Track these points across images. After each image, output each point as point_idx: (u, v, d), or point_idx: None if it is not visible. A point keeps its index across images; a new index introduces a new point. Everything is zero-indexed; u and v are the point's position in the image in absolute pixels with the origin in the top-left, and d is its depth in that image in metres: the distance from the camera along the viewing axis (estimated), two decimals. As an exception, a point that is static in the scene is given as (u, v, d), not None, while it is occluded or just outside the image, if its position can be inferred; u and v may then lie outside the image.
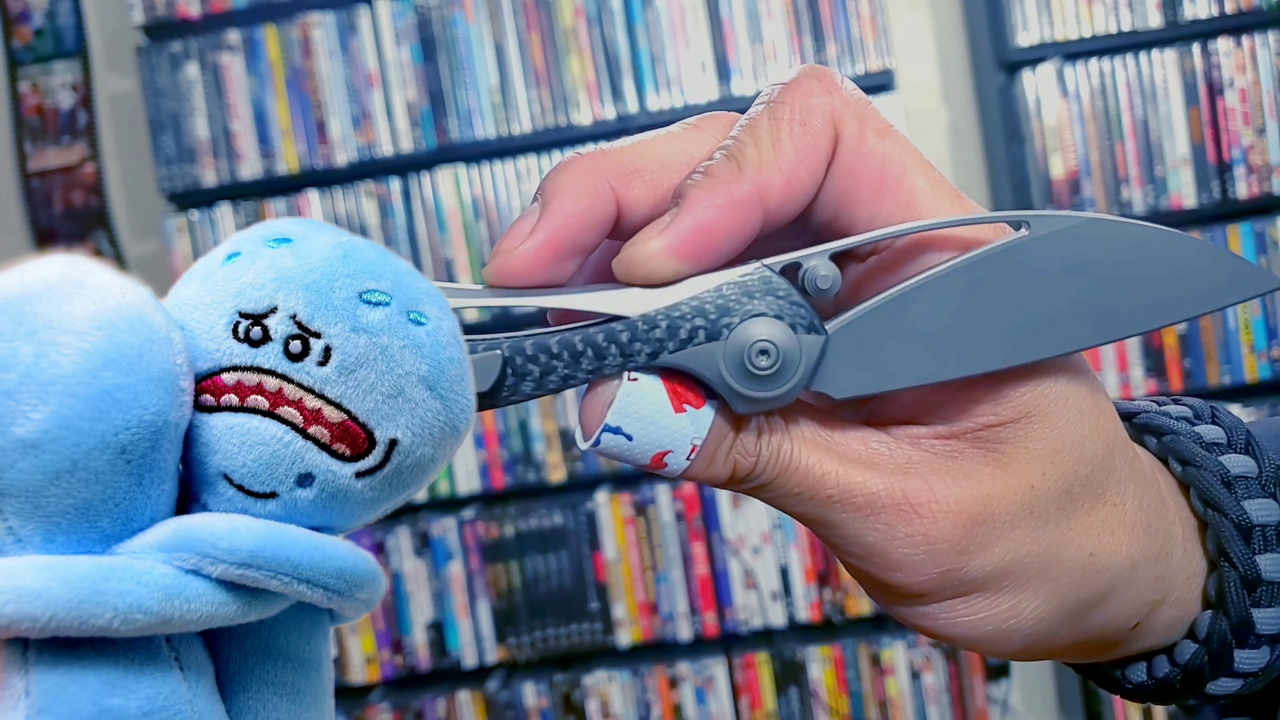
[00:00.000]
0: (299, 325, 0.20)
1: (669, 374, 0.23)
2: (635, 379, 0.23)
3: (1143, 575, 0.25)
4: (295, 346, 0.20)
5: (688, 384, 0.23)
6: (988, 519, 0.23)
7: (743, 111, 0.25)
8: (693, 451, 0.23)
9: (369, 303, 0.21)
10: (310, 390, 0.20)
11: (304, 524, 0.21)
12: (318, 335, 0.20)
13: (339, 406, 0.20)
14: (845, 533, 0.24)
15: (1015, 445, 0.24)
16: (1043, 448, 0.24)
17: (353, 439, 0.20)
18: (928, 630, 0.25)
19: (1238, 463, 0.27)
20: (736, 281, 0.23)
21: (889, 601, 0.25)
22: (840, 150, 0.24)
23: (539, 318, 0.26)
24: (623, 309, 0.23)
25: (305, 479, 0.20)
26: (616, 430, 0.23)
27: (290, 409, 0.20)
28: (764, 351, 0.22)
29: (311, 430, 0.20)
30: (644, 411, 0.23)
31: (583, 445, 0.24)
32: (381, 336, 0.20)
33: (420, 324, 0.21)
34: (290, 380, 0.20)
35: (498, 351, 0.23)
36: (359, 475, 0.21)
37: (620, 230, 0.24)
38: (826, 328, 0.23)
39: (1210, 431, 0.27)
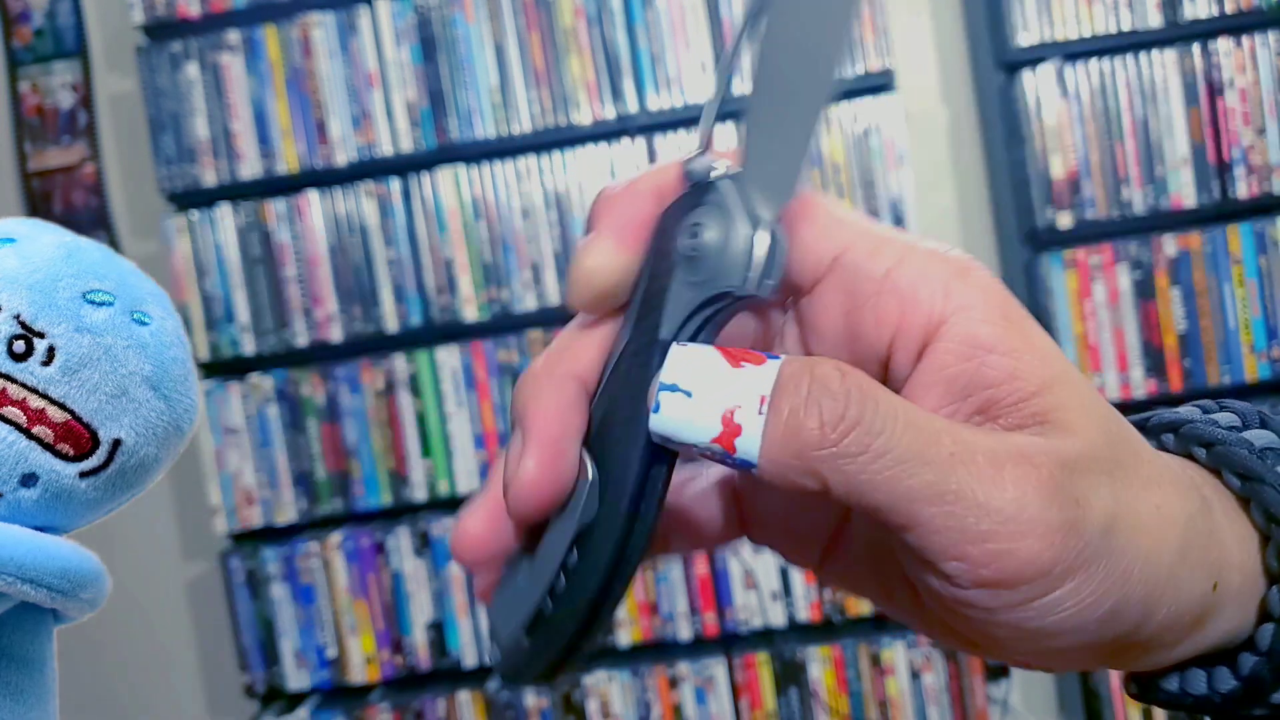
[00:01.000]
0: (22, 325, 0.20)
1: (719, 346, 0.23)
2: (685, 344, 0.23)
3: (1199, 529, 0.24)
4: (19, 346, 0.20)
5: (741, 350, 0.23)
6: (1080, 470, 0.22)
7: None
8: (762, 403, 0.22)
9: (93, 303, 0.21)
10: (34, 390, 0.20)
11: (28, 524, 0.20)
12: (41, 335, 0.20)
13: (63, 406, 0.20)
14: (972, 503, 0.21)
15: (1058, 410, 0.23)
16: (1077, 405, 0.23)
17: (76, 439, 0.20)
18: (1036, 626, 0.22)
19: (1260, 436, 0.26)
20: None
21: (1002, 594, 0.22)
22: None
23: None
24: None
25: (29, 479, 0.20)
26: (673, 387, 0.22)
27: (13, 409, 0.20)
28: (693, 234, 0.23)
29: (35, 430, 0.20)
30: (699, 367, 0.22)
31: (650, 425, 0.23)
32: (105, 336, 0.20)
33: (144, 324, 0.21)
34: (13, 380, 0.20)
35: None
36: (83, 475, 0.21)
37: None
38: (732, 168, 0.24)
39: (1225, 418, 0.27)
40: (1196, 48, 1.55)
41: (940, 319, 0.24)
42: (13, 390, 0.20)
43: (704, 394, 0.22)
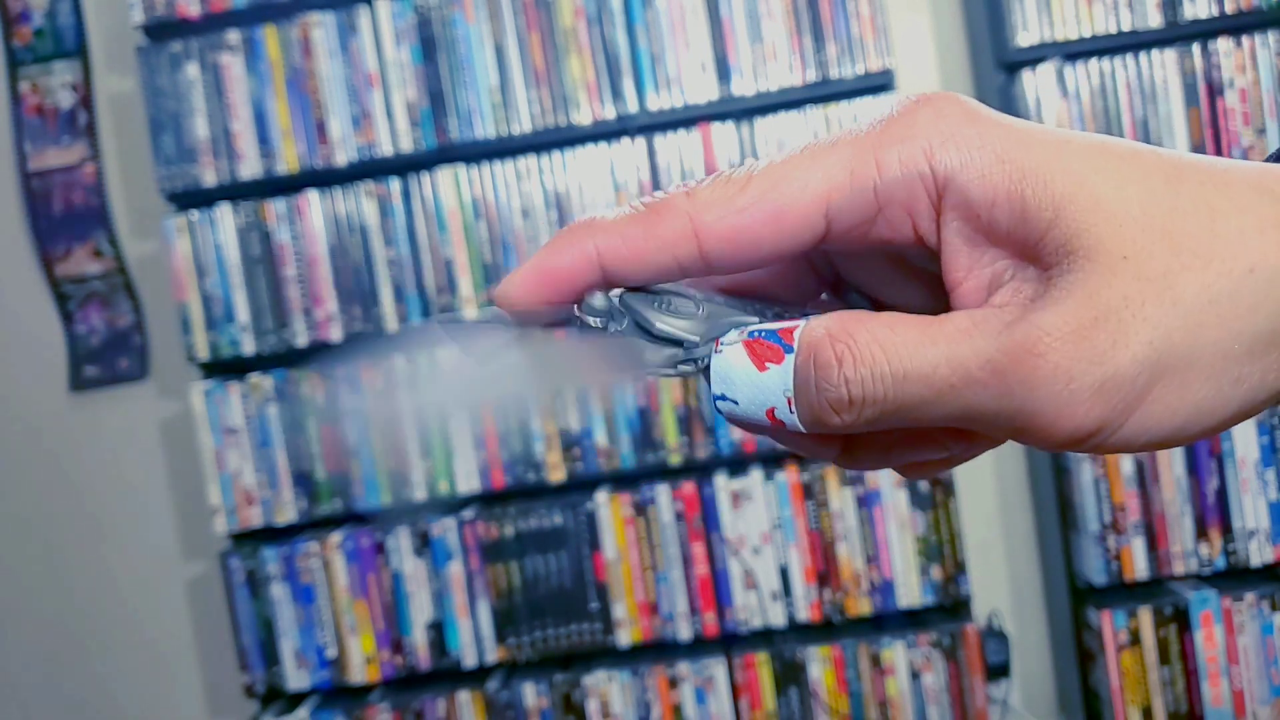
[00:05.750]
0: None
1: (749, 341, 0.27)
2: (720, 350, 0.27)
3: None
4: None
5: (765, 346, 0.26)
6: (1104, 316, 0.22)
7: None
8: (790, 403, 0.26)
9: None
10: None
11: None
12: None
13: None
14: (995, 410, 0.23)
15: (1078, 236, 0.22)
16: (1098, 216, 0.22)
17: None
18: (1140, 449, 0.24)
19: None
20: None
21: (1080, 448, 0.24)
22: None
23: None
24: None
25: None
26: (723, 397, 0.27)
27: None
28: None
29: None
30: (736, 377, 0.27)
31: (720, 415, 0.28)
32: None
33: None
34: None
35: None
36: None
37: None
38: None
39: None
40: (1196, 48, 1.55)
41: (938, 194, 0.24)
42: None
43: (746, 401, 0.27)
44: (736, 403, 0.27)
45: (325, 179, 1.64)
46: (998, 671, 1.69)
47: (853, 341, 0.24)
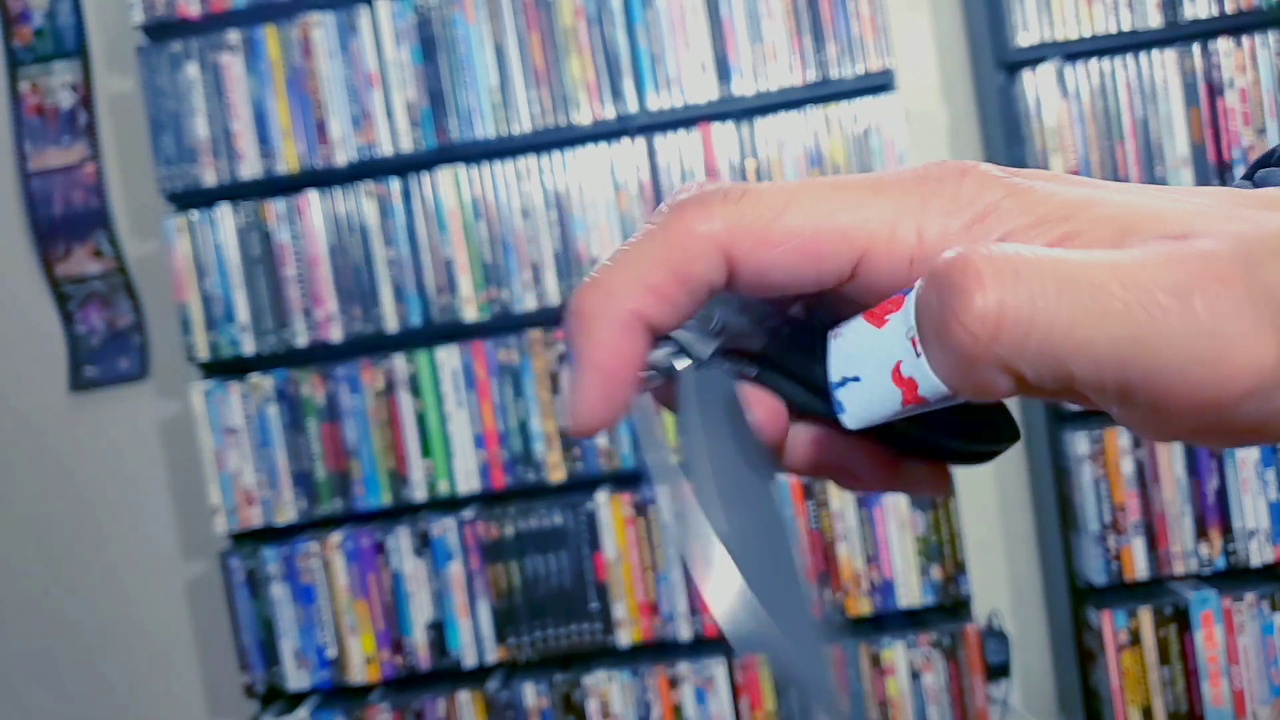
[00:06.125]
0: None
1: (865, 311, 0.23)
2: (838, 334, 0.24)
3: None
4: None
5: (882, 306, 0.23)
6: (1250, 251, 0.19)
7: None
8: (914, 345, 0.21)
9: None
10: None
11: None
12: None
13: None
14: (1176, 341, 0.19)
15: (1163, 230, 0.21)
16: (1173, 221, 0.21)
17: None
18: None
19: None
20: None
21: (1244, 400, 0.19)
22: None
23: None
24: None
25: None
26: (843, 382, 0.23)
27: None
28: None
29: None
30: (854, 347, 0.23)
31: (846, 425, 0.24)
32: None
33: None
34: None
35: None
36: None
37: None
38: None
39: None
40: (1196, 48, 1.55)
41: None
42: None
43: (869, 368, 0.23)
44: (859, 379, 0.23)
45: (325, 179, 1.64)
46: (998, 671, 1.69)
47: (989, 251, 0.20)
